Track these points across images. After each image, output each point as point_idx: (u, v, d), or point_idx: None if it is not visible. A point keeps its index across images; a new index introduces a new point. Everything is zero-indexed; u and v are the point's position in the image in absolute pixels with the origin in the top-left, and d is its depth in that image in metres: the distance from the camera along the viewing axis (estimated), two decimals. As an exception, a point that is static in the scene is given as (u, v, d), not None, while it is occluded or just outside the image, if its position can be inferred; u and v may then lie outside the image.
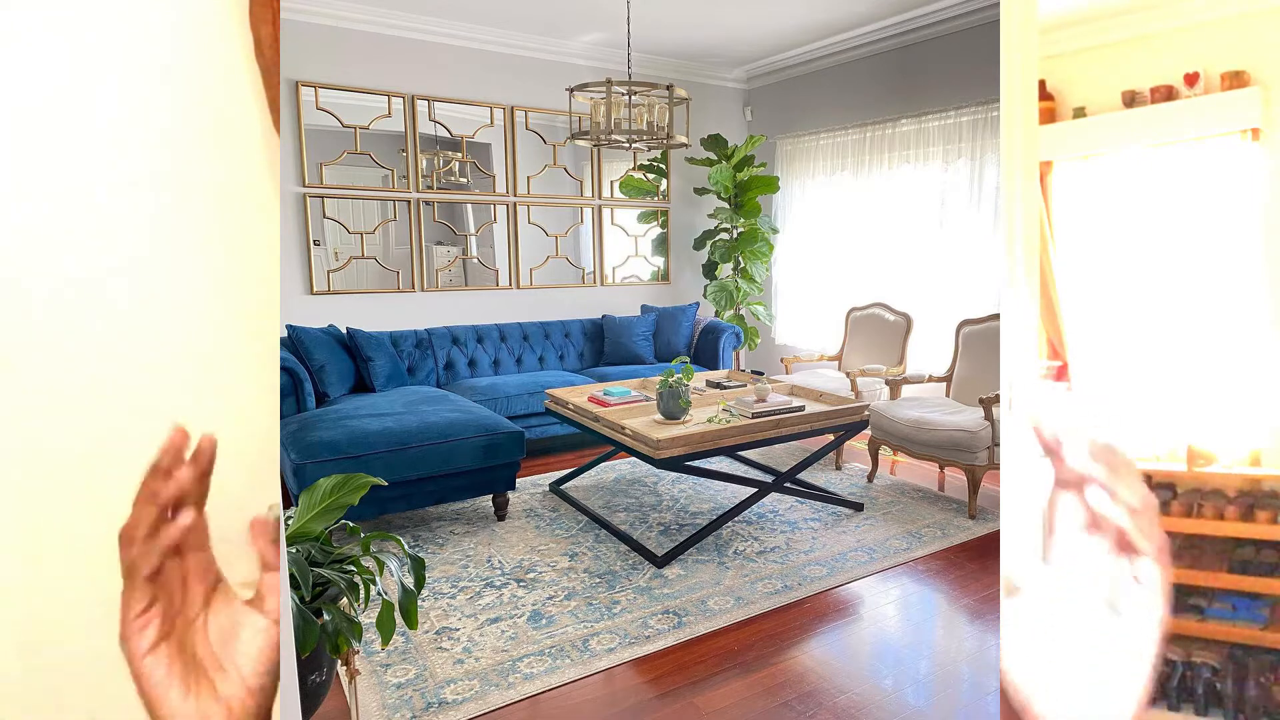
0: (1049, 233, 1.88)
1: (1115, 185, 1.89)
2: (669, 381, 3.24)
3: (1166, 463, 1.81)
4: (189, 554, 0.63)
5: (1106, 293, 1.88)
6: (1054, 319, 1.85)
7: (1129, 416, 1.87)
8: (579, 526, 3.47)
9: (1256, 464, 1.72)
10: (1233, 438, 1.74)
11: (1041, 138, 1.87)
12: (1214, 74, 1.77)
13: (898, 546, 3.23)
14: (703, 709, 2.12)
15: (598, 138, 3.57)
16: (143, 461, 0.61)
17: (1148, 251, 1.84)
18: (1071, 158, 1.94)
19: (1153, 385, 1.83)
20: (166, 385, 0.72)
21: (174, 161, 0.72)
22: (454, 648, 2.43)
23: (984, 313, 4.38)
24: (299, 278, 4.62)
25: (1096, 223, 1.91)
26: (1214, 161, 1.78)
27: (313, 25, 4.47)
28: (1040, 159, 1.91)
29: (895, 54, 5.05)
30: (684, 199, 6.16)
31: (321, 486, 1.91)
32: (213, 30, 0.73)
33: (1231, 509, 1.74)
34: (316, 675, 1.77)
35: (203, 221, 0.74)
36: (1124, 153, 1.88)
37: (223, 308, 0.75)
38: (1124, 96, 1.90)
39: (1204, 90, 1.79)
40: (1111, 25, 1.86)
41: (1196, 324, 1.79)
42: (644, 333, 5.41)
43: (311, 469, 3.06)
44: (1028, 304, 0.85)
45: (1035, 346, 1.12)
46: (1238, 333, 1.74)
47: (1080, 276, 1.89)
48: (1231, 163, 1.76)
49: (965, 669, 2.32)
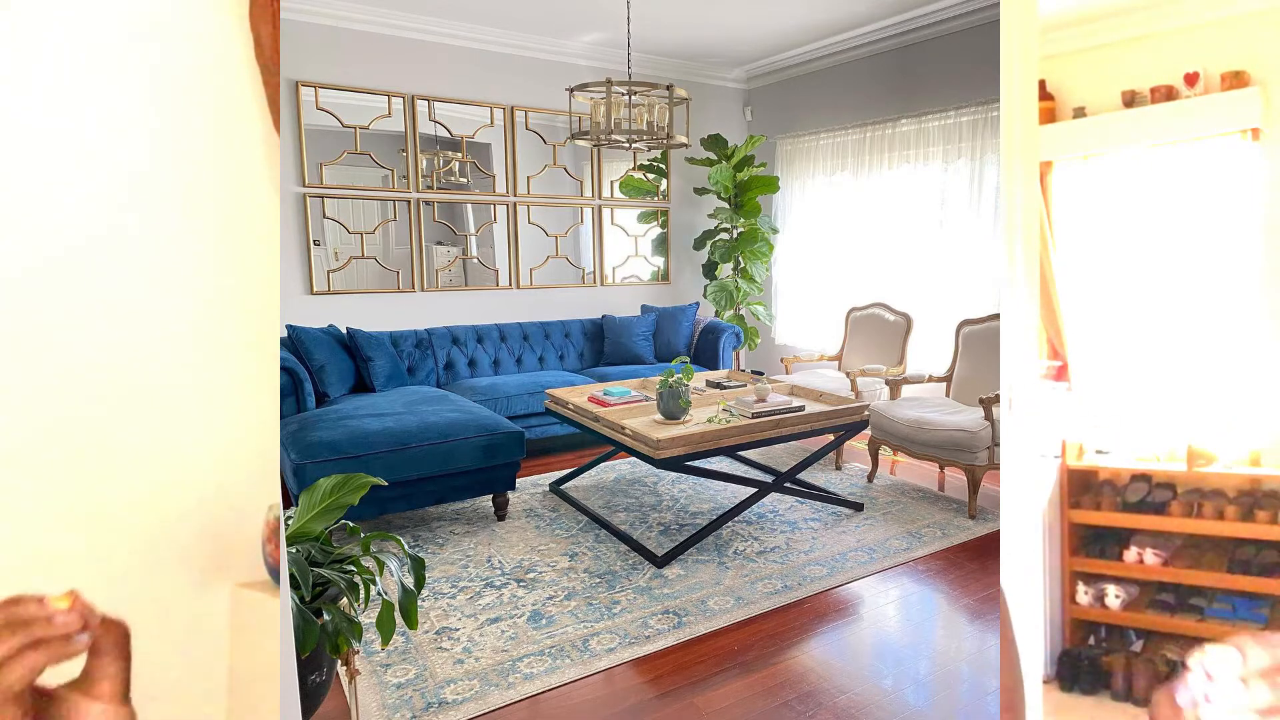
0: (1049, 233, 1.88)
1: (1115, 185, 1.89)
2: (669, 381, 3.24)
3: (1166, 463, 1.81)
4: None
5: (1106, 293, 1.88)
6: (1054, 319, 1.85)
7: (1129, 416, 1.87)
8: (579, 526, 3.47)
9: (1256, 464, 1.72)
10: (1233, 438, 1.74)
11: (1041, 138, 1.87)
12: (1214, 74, 1.77)
13: (898, 546, 3.23)
14: (703, 709, 2.12)
15: (598, 138, 3.57)
16: (142, 462, 0.61)
17: (1148, 251, 1.84)
18: (1071, 158, 1.94)
19: (1153, 385, 1.83)
20: (166, 385, 0.72)
21: (173, 161, 0.72)
22: (454, 648, 2.43)
23: (984, 313, 4.38)
24: (299, 278, 4.62)
25: (1096, 223, 1.91)
26: (1214, 161, 1.78)
27: (313, 25, 4.47)
28: (1040, 159, 1.90)
29: (895, 54, 5.05)
30: (684, 199, 6.16)
31: (321, 486, 1.91)
32: (212, 30, 0.73)
33: (1231, 509, 1.74)
34: (316, 675, 1.77)
35: (202, 221, 0.74)
36: (1124, 153, 1.88)
37: (223, 307, 0.75)
38: (1124, 96, 1.90)
39: (1204, 90, 1.79)
40: (1111, 25, 1.86)
41: (1197, 324, 1.79)
42: (644, 333, 5.41)
43: (311, 469, 3.06)
44: (1028, 304, 0.85)
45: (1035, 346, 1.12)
46: (1238, 333, 1.74)
47: (1080, 276, 1.88)
48: (1231, 163, 1.75)
49: (965, 669, 2.32)
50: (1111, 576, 1.86)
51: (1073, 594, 1.91)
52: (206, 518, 0.73)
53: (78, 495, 0.69)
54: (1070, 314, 1.87)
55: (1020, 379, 0.80)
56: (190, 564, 0.75)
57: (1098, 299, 1.89)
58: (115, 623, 0.57)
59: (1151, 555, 1.82)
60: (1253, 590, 1.73)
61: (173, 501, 0.73)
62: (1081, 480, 1.91)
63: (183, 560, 0.74)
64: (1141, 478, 1.84)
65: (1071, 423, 1.90)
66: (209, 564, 0.77)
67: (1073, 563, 1.92)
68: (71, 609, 0.55)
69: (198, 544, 0.74)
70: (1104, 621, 1.88)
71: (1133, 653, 1.83)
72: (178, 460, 0.73)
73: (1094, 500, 1.89)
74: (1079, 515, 1.91)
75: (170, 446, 0.73)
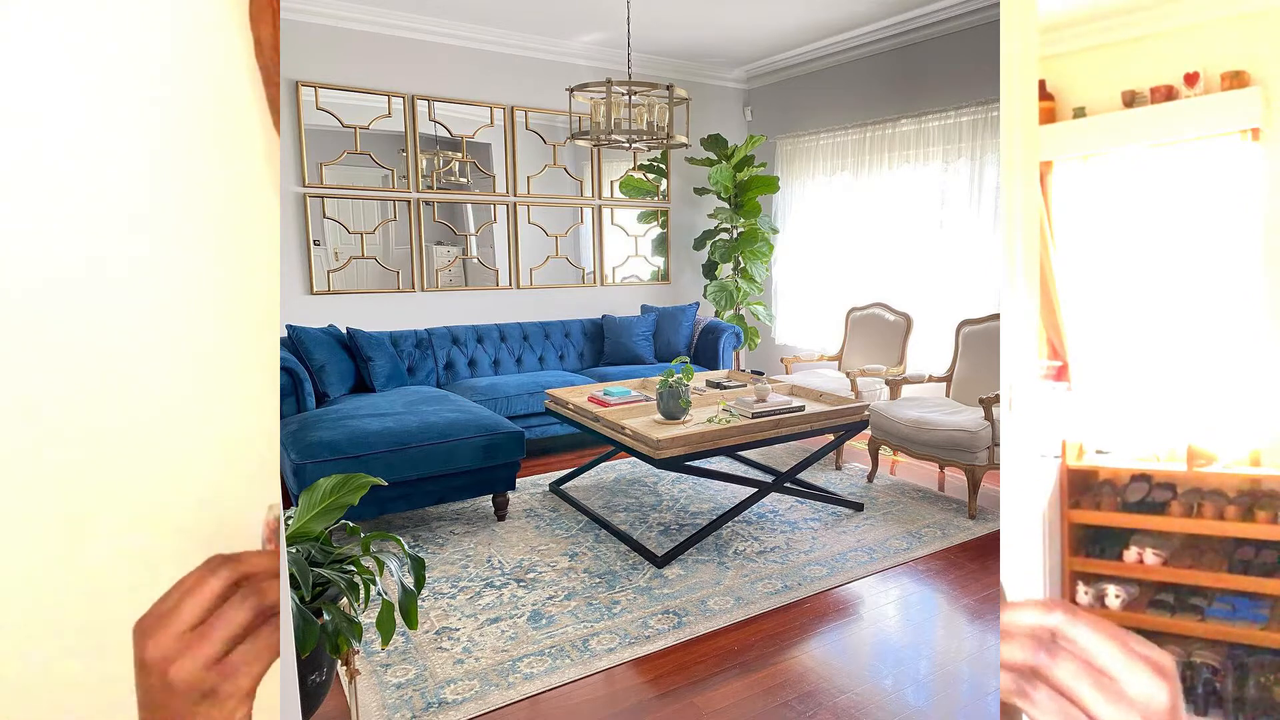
0: (1049, 233, 1.88)
1: (1115, 185, 1.89)
2: (669, 381, 3.24)
3: (1166, 463, 1.81)
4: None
5: (1106, 293, 1.88)
6: (1054, 319, 1.85)
7: (1129, 416, 1.87)
8: (579, 526, 3.47)
9: (1256, 464, 1.72)
10: (1233, 438, 1.74)
11: (1041, 138, 1.87)
12: (1214, 74, 1.77)
13: (898, 546, 3.23)
14: (703, 709, 2.12)
15: (598, 138, 3.57)
16: (140, 463, 0.61)
17: (1148, 251, 1.84)
18: (1071, 158, 1.94)
19: (1153, 385, 1.83)
20: (165, 385, 0.72)
21: (172, 162, 0.72)
22: (454, 648, 2.43)
23: (984, 313, 4.38)
24: (299, 278, 4.62)
25: (1096, 223, 1.91)
26: (1214, 161, 1.78)
27: (313, 25, 4.47)
28: (1040, 159, 1.90)
29: (895, 54, 5.05)
30: (684, 199, 6.16)
31: (321, 486, 1.91)
32: (212, 30, 0.73)
33: (1231, 509, 1.74)
34: (316, 675, 1.77)
35: (202, 221, 0.74)
36: (1124, 153, 1.88)
37: (222, 307, 0.75)
38: (1124, 96, 1.90)
39: (1204, 90, 1.79)
40: (1111, 25, 1.86)
41: (1196, 324, 1.79)
42: (644, 333, 5.41)
43: (311, 469, 3.06)
44: (1028, 304, 0.85)
45: (1035, 346, 1.12)
46: (1238, 332, 1.74)
47: (1080, 276, 1.89)
48: (1231, 163, 1.75)
49: (965, 669, 2.32)
50: (1111, 576, 1.86)
51: (1073, 594, 1.91)
52: (206, 518, 0.73)
53: (76, 496, 0.69)
54: (1070, 314, 1.87)
55: (1020, 379, 0.80)
56: (189, 564, 0.74)
57: (1098, 299, 1.89)
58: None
59: (1151, 555, 1.82)
60: (1253, 590, 1.73)
61: (172, 502, 0.73)
62: (1081, 480, 1.91)
63: (182, 561, 0.74)
64: (1141, 478, 1.85)
65: (1071, 423, 1.90)
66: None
67: (1073, 563, 1.92)
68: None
69: (197, 545, 0.74)
70: (1104, 621, 1.88)
71: (1133, 653, 1.83)
72: (177, 460, 0.73)
73: (1094, 500, 1.89)
74: (1079, 515, 1.91)
75: (169, 447, 0.73)
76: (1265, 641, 1.69)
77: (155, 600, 0.62)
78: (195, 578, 0.56)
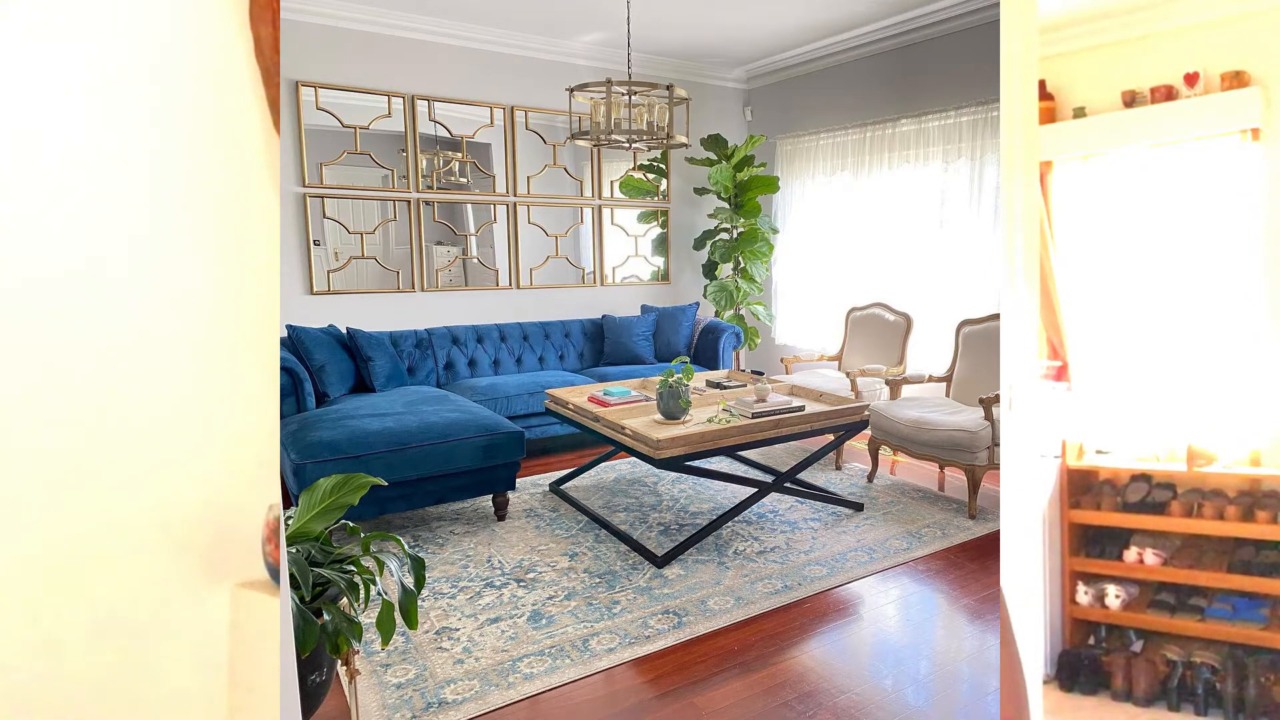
0: (1049, 233, 1.88)
1: (1115, 185, 1.89)
2: (669, 381, 3.24)
3: (1166, 463, 1.81)
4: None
5: (1106, 293, 1.88)
6: (1054, 319, 1.85)
7: (1129, 416, 1.87)
8: (579, 526, 3.47)
9: (1256, 464, 1.72)
10: (1233, 438, 1.74)
11: (1041, 138, 1.87)
12: (1214, 74, 1.77)
13: (898, 546, 3.23)
14: (703, 709, 2.12)
15: (598, 138, 3.57)
16: (142, 462, 0.61)
17: (1148, 251, 1.84)
18: (1071, 158, 1.94)
19: (1153, 385, 1.83)
20: (166, 385, 0.72)
21: (174, 162, 0.72)
22: (454, 648, 2.43)
23: (984, 313, 4.38)
24: (299, 278, 4.62)
25: (1096, 223, 1.91)
26: (1214, 161, 1.78)
27: (313, 25, 4.47)
28: (1040, 159, 1.90)
29: (895, 54, 5.05)
30: (684, 199, 6.16)
31: (321, 486, 1.91)
32: (212, 30, 0.73)
33: (1231, 509, 1.74)
34: (316, 675, 1.77)
35: (203, 221, 0.74)
36: (1124, 153, 1.88)
37: (223, 307, 0.75)
38: (1124, 96, 1.90)
39: (1204, 90, 1.79)
40: (1111, 25, 1.86)
41: (1196, 324, 1.79)
42: (644, 333, 5.41)
43: (311, 469, 3.06)
44: (1028, 304, 0.85)
45: (1035, 346, 1.12)
46: (1237, 332, 1.74)
47: (1080, 276, 1.89)
48: (1231, 163, 1.75)
49: (965, 669, 2.32)
50: (1111, 576, 1.87)
51: (1073, 594, 1.91)
52: (207, 518, 0.73)
53: (78, 496, 0.69)
54: (1070, 314, 1.87)
55: (1020, 379, 0.80)
56: (190, 564, 0.74)
57: (1098, 299, 1.89)
58: None
59: (1151, 555, 1.82)
60: (1253, 590, 1.73)
61: (173, 502, 0.73)
62: (1081, 480, 1.91)
63: (183, 560, 0.74)
64: (1141, 478, 1.85)
65: (1071, 423, 1.90)
66: (209, 564, 0.77)
67: (1073, 563, 1.92)
68: None
69: (198, 544, 0.74)
70: (1104, 621, 1.88)
71: (1133, 653, 1.83)
72: (178, 460, 0.73)
73: (1094, 500, 1.89)
74: (1079, 515, 1.91)
75: (170, 447, 0.73)
76: (1265, 641, 1.69)
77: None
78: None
